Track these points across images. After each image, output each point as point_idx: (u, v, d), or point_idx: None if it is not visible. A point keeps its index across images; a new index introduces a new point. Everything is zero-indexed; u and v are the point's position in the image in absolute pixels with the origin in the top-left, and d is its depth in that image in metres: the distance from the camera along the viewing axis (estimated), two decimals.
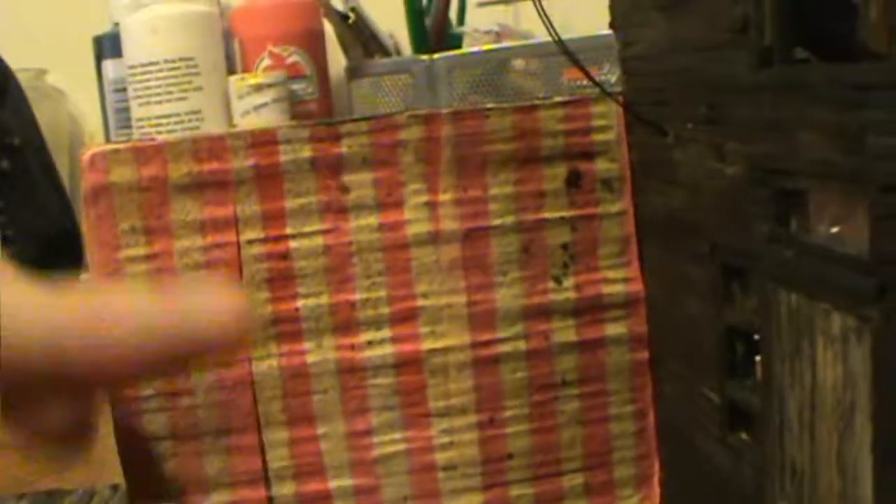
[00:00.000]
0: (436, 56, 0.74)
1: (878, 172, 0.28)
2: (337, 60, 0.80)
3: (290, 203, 0.41)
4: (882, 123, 0.28)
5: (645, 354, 0.43)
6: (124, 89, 0.75)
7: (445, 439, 0.42)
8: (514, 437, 0.43)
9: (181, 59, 0.72)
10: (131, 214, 0.40)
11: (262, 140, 0.40)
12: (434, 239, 0.41)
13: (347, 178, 0.41)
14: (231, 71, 0.74)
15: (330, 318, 0.41)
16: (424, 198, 0.41)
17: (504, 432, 0.43)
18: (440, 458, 0.42)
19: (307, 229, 0.41)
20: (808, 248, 0.32)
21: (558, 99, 0.42)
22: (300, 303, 0.41)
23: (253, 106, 0.72)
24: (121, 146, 0.40)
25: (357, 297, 0.41)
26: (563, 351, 0.43)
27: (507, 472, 0.43)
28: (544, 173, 0.42)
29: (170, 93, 0.72)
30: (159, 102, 0.72)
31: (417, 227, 0.41)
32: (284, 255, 0.41)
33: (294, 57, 0.75)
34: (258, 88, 0.71)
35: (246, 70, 0.74)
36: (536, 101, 0.41)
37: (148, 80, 0.73)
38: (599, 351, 0.43)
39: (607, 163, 0.42)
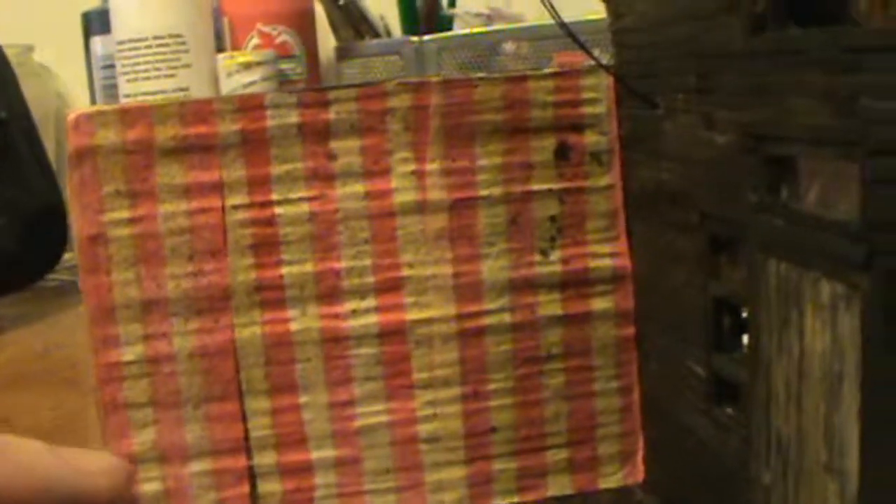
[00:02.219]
0: (426, 38, 0.74)
1: (870, 136, 0.28)
2: (326, 41, 0.79)
3: (276, 169, 0.40)
4: (875, 87, 0.28)
5: (631, 330, 0.43)
6: (112, 66, 0.75)
7: (429, 411, 0.42)
8: (497, 410, 0.42)
9: (170, 36, 0.72)
10: (116, 177, 0.40)
11: (250, 105, 0.40)
12: (421, 208, 0.41)
13: (334, 145, 0.40)
14: (220, 49, 0.74)
15: (314, 286, 0.41)
16: (412, 167, 0.41)
17: (488, 405, 0.42)
18: (423, 430, 0.42)
19: (293, 195, 0.40)
20: (797, 216, 0.32)
21: (548, 70, 0.41)
22: (284, 270, 0.41)
23: (241, 84, 0.71)
24: (106, 108, 0.39)
25: (342, 265, 0.41)
26: (549, 325, 0.42)
27: (491, 445, 0.43)
28: (533, 145, 0.41)
29: (158, 69, 0.72)
30: (147, 79, 0.72)
31: (404, 195, 0.41)
32: (269, 222, 0.40)
33: (283, 36, 0.75)
34: (247, 67, 0.71)
35: (235, 48, 0.74)
36: (527, 73, 0.41)
37: (136, 56, 0.72)
38: (585, 325, 0.43)
39: (596, 136, 0.42)
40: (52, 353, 0.69)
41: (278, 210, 0.40)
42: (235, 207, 0.40)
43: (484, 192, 0.41)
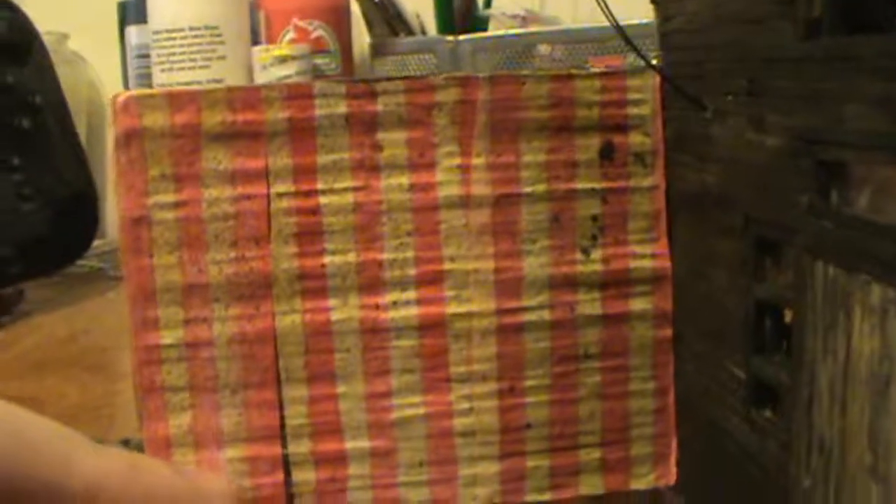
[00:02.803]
0: (461, 37, 0.74)
1: None
2: (361, 37, 0.80)
3: (322, 158, 0.40)
4: None
5: (668, 332, 0.43)
6: (147, 55, 0.75)
7: (465, 405, 0.42)
8: (533, 407, 0.43)
9: (206, 27, 0.72)
10: (162, 161, 0.40)
11: (298, 93, 0.40)
12: (465, 203, 0.41)
13: (381, 137, 0.41)
14: (255, 43, 0.74)
15: (356, 277, 0.41)
16: (457, 160, 0.41)
17: (524, 401, 0.42)
18: (458, 424, 0.42)
19: (338, 185, 0.41)
20: (848, 220, 0.32)
21: (595, 70, 0.41)
22: (327, 259, 0.41)
23: (276, 78, 0.71)
24: (155, 92, 0.40)
25: (384, 256, 0.41)
26: (587, 323, 0.42)
27: (525, 442, 0.43)
28: (578, 143, 0.42)
29: (193, 60, 0.72)
30: (182, 69, 0.72)
31: (449, 189, 0.41)
32: (314, 210, 0.40)
33: (319, 31, 0.75)
34: (282, 60, 0.71)
35: (270, 42, 0.74)
36: (573, 72, 0.41)
37: (172, 46, 0.72)
38: (623, 326, 0.43)
39: (641, 136, 0.42)
40: (79, 339, 0.69)
41: (323, 199, 0.41)
42: (280, 195, 0.40)
43: (528, 189, 0.41)
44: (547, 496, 0.43)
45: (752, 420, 0.38)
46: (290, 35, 0.76)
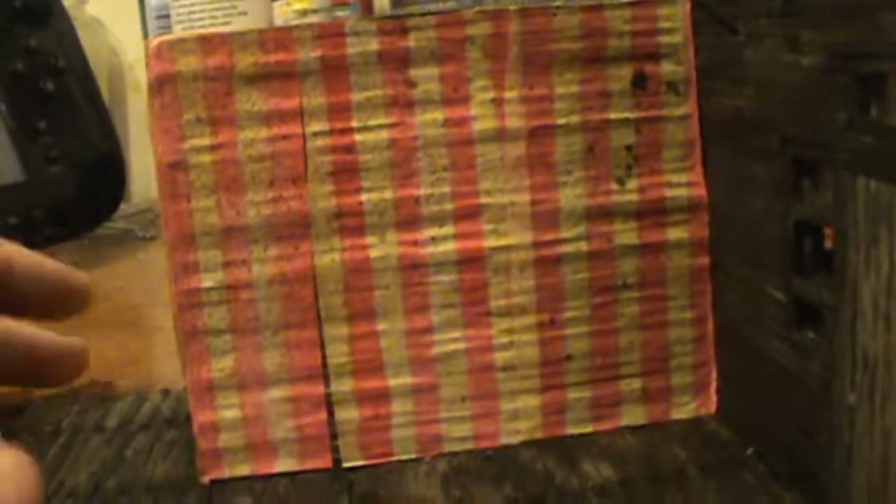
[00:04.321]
0: None
1: None
2: None
3: (356, 96, 0.40)
4: None
5: (705, 260, 0.43)
6: (166, 16, 0.75)
7: (505, 339, 0.42)
8: (573, 338, 0.43)
9: None
10: (196, 104, 0.40)
11: (330, 32, 0.40)
12: (499, 136, 0.41)
13: (414, 73, 0.41)
14: None
15: (393, 213, 0.41)
16: (490, 94, 0.41)
17: (564, 333, 0.43)
18: (499, 357, 0.42)
19: (373, 123, 0.41)
20: (888, 132, 0.32)
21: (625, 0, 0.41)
22: (364, 196, 0.41)
23: None
24: (187, 35, 0.40)
25: (421, 192, 0.41)
26: (625, 254, 0.42)
27: (566, 374, 0.43)
28: (610, 73, 0.41)
29: (213, 17, 0.72)
30: (203, 27, 0.72)
31: (483, 123, 0.41)
32: (350, 149, 0.41)
33: None
34: (303, 14, 0.71)
35: None
36: (604, 2, 0.41)
37: (192, 4, 0.72)
38: (661, 255, 0.43)
39: (673, 65, 0.42)
40: (112, 297, 0.70)
41: (358, 137, 0.41)
42: (315, 134, 0.40)
43: (561, 121, 0.41)
44: (589, 428, 0.43)
45: (794, 341, 0.38)
46: None
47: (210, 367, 0.41)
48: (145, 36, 0.82)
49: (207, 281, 0.41)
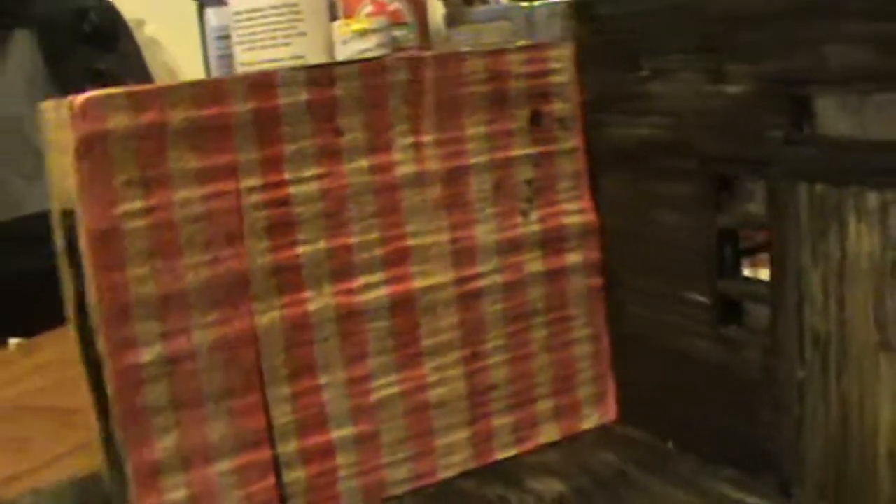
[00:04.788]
0: (536, 3, 0.73)
1: None
2: (436, 8, 0.78)
3: (287, 147, 0.40)
4: None
5: (599, 280, 0.47)
6: (226, 37, 0.73)
7: (436, 377, 0.43)
8: (494, 368, 0.44)
9: (285, 5, 0.70)
10: (128, 165, 0.37)
11: (262, 83, 0.39)
12: (420, 179, 0.42)
13: (341, 121, 0.41)
14: (332, 18, 0.72)
15: (328, 264, 0.41)
16: (410, 139, 0.42)
17: (486, 364, 0.44)
18: (432, 395, 0.43)
19: (305, 174, 0.40)
20: (829, 144, 0.37)
21: (522, 43, 0.44)
22: (300, 249, 0.40)
23: (357, 51, 0.69)
24: (114, 91, 0.37)
25: (353, 240, 0.41)
26: (533, 281, 0.45)
27: (491, 403, 0.45)
28: (512, 113, 0.44)
29: (274, 38, 0.70)
30: (264, 48, 0.69)
31: (405, 167, 0.42)
32: (284, 202, 0.40)
33: (395, 3, 0.74)
34: (362, 34, 0.69)
35: (347, 17, 0.71)
36: (505, 46, 0.44)
37: (253, 26, 0.70)
38: (562, 279, 0.46)
39: (561, 103, 0.45)
40: None
41: (292, 189, 0.40)
42: (250, 190, 0.39)
43: (473, 161, 0.43)
44: (513, 451, 0.45)
45: (721, 337, 0.42)
46: (368, 9, 0.75)
47: (153, 447, 0.39)
48: (206, 56, 0.80)
49: (146, 355, 0.38)
